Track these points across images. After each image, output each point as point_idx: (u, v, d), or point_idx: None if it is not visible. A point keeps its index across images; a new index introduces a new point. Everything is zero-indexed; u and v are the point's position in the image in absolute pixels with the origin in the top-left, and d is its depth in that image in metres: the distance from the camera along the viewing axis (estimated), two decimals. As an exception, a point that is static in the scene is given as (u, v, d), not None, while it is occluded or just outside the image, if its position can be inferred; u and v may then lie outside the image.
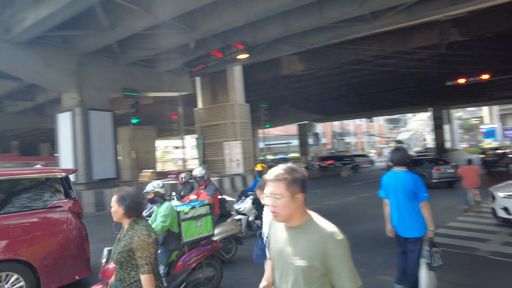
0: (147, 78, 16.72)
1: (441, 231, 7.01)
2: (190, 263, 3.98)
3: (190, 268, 3.96)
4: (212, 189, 5.62)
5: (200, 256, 4.11)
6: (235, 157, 17.99)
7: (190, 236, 4.05)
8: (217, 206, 5.68)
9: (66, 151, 14.35)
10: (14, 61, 12.50)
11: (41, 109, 24.87)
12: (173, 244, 4.01)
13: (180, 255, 4.04)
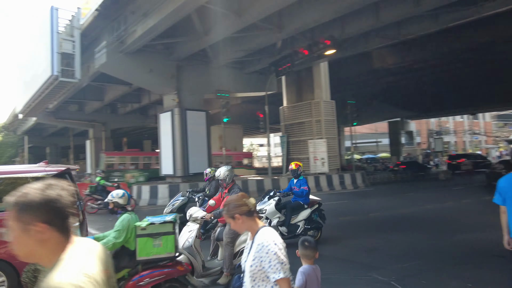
0: (237, 79, 17.57)
1: None
2: (141, 284, 3.53)
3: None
4: (235, 192, 4.85)
5: (156, 279, 3.60)
6: (320, 156, 17.71)
7: (145, 255, 3.58)
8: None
9: (166, 147, 15.96)
10: (126, 69, 14.35)
11: (146, 110, 28.10)
12: (124, 260, 3.67)
13: (132, 273, 3.63)
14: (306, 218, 6.64)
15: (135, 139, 40.66)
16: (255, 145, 72.68)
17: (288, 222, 6.52)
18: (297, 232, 6.54)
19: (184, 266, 3.89)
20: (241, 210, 1.96)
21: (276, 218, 6.48)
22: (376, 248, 6.53)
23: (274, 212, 6.47)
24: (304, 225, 6.62)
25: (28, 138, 36.81)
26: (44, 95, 16.36)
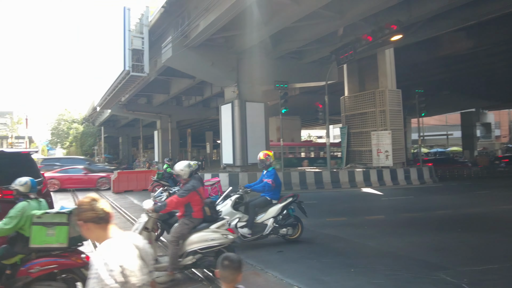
0: (296, 69, 17.38)
1: None
2: (31, 272, 3.48)
3: (31, 276, 3.48)
4: (185, 189, 4.53)
5: (46, 268, 3.52)
6: (384, 148, 16.82)
7: (38, 243, 3.53)
8: (197, 209, 4.62)
9: (226, 138, 16.45)
10: (189, 62, 14.99)
11: (208, 102, 29.19)
12: (18, 246, 3.64)
13: (25, 260, 3.60)
14: (276, 215, 6.03)
15: (198, 130, 42.58)
16: (313, 137, 71.57)
17: (252, 222, 5.90)
18: (264, 232, 5.96)
19: (82, 259, 3.70)
20: (86, 216, 1.68)
21: (236, 218, 5.86)
22: (444, 248, 6.04)
23: (231, 213, 5.85)
24: (273, 223, 6.00)
25: (104, 129, 40.67)
26: (117, 89, 17.85)
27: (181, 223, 4.57)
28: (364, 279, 4.59)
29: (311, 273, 4.85)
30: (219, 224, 4.74)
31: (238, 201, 6.09)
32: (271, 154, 6.44)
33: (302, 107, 25.66)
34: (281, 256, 5.67)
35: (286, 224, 6.12)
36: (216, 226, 4.69)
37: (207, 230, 4.65)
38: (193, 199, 4.53)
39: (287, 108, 15.37)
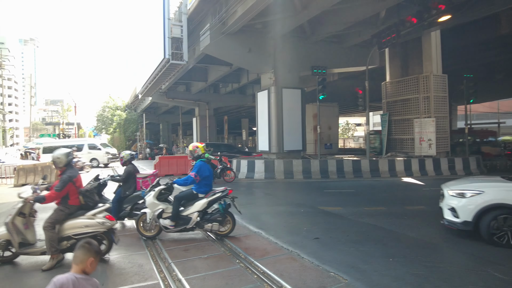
0: (334, 54, 16.91)
1: None
2: None
3: None
4: (62, 181, 4.64)
5: None
6: (427, 137, 16.01)
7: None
8: (73, 197, 4.82)
9: (263, 125, 16.49)
10: (227, 49, 15.06)
11: (244, 89, 29.32)
12: None
13: None
14: (201, 210, 5.84)
15: (234, 117, 43.04)
16: (351, 124, 69.71)
17: (175, 214, 5.80)
18: (188, 226, 5.83)
19: None
20: None
21: (159, 210, 5.82)
22: (494, 241, 5.71)
23: (154, 204, 5.86)
24: (197, 217, 5.81)
25: (145, 116, 42.31)
26: (158, 77, 18.43)
27: (56, 210, 4.80)
28: (403, 270, 4.48)
29: (349, 261, 4.81)
30: (95, 211, 4.92)
31: (164, 192, 6.08)
32: (200, 146, 6.30)
33: (340, 93, 24.99)
34: (317, 243, 5.67)
35: (211, 220, 5.86)
36: (92, 213, 4.89)
37: (83, 217, 4.84)
38: (70, 189, 4.76)
39: (325, 94, 15.04)
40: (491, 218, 5.50)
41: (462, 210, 5.73)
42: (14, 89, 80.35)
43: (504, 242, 5.47)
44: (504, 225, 5.47)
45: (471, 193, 5.78)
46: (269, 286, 4.01)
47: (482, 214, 5.58)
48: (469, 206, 5.67)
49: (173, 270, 4.55)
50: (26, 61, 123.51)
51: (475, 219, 5.58)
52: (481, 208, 5.56)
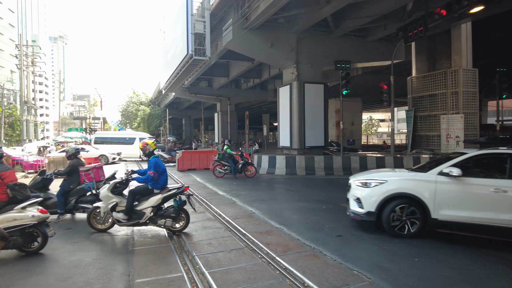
0: (358, 48, 16.56)
1: None
2: None
3: None
4: None
5: None
6: (455, 133, 15.44)
7: None
8: (1, 192, 4.89)
9: (284, 121, 16.41)
10: (249, 44, 15.03)
11: (265, 84, 29.24)
12: None
13: None
14: (155, 205, 5.86)
15: (255, 113, 43.05)
16: (374, 120, 68.26)
17: (129, 208, 5.82)
18: (141, 220, 5.85)
19: None
20: None
21: (113, 202, 5.89)
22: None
23: (108, 197, 5.92)
24: (151, 212, 5.85)
25: (168, 111, 43.05)
26: (181, 72, 18.65)
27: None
28: (430, 270, 4.37)
29: (373, 259, 4.73)
30: (25, 204, 4.94)
31: (119, 186, 6.15)
32: (150, 143, 6.28)
33: (364, 88, 24.49)
34: (340, 240, 5.61)
35: (165, 215, 5.92)
36: (21, 207, 4.91)
37: (12, 211, 4.86)
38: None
39: (348, 89, 14.76)
40: (392, 207, 5.51)
41: (366, 200, 5.71)
42: (45, 85, 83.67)
43: (405, 232, 5.54)
44: (403, 214, 5.53)
45: (375, 182, 5.74)
46: (291, 282, 4.01)
47: (385, 204, 5.54)
48: (373, 196, 5.65)
49: (197, 263, 4.63)
50: (56, 58, 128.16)
51: (378, 209, 5.57)
52: (383, 198, 5.56)
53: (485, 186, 5.25)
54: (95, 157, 19.95)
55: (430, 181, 5.47)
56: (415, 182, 5.57)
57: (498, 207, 5.15)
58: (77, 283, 4.07)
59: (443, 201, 5.39)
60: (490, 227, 5.18)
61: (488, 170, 5.71)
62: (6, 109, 34.51)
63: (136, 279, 4.16)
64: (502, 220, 5.11)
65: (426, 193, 5.43)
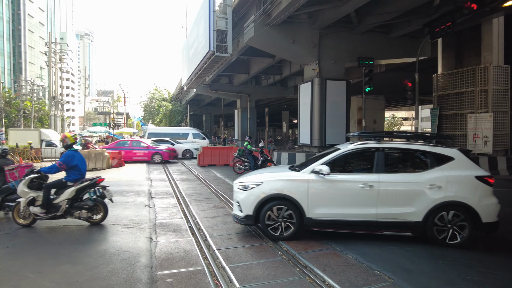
0: (382, 44, 16.21)
1: None
2: None
3: None
4: None
5: None
6: (483, 133, 14.88)
7: None
8: None
9: (304, 118, 16.31)
10: (271, 41, 14.99)
11: (285, 81, 29.12)
12: None
13: None
14: (69, 198, 6.05)
15: (275, 110, 42.97)
16: (397, 118, 66.74)
17: (46, 202, 5.99)
18: (58, 213, 6.06)
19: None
20: None
21: (30, 197, 6.03)
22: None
23: (24, 192, 6.07)
24: (66, 205, 6.05)
25: (189, 107, 43.61)
26: (203, 69, 18.84)
27: None
28: (454, 273, 4.25)
29: (395, 260, 4.65)
30: None
31: (37, 181, 6.29)
32: (69, 136, 6.47)
33: (387, 85, 23.95)
34: (361, 239, 5.54)
35: (80, 207, 6.11)
36: None
37: None
38: None
39: (371, 86, 14.50)
40: (266, 210, 5.36)
41: (244, 203, 5.52)
42: (71, 81, 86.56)
43: (277, 233, 5.36)
44: (278, 216, 5.39)
45: (252, 184, 5.56)
46: (311, 280, 4.01)
47: (261, 206, 5.39)
48: (250, 198, 5.46)
49: (217, 257, 4.69)
50: (82, 55, 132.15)
51: (255, 212, 5.40)
52: (260, 200, 5.39)
53: (354, 182, 5.28)
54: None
55: (303, 180, 5.38)
56: (289, 182, 5.46)
57: (366, 202, 5.19)
58: (103, 272, 4.22)
59: (316, 200, 5.33)
60: (362, 222, 5.26)
61: (358, 165, 5.71)
62: (36, 104, 35.91)
63: (158, 271, 4.27)
64: (369, 215, 5.19)
65: (300, 192, 5.34)
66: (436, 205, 5.07)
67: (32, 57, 68.79)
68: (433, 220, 5.10)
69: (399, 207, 5.17)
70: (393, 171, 5.46)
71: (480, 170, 5.35)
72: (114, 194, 9.66)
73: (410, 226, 5.17)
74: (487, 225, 5.07)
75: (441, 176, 5.17)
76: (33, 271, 4.26)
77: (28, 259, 4.68)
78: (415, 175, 5.30)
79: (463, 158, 5.32)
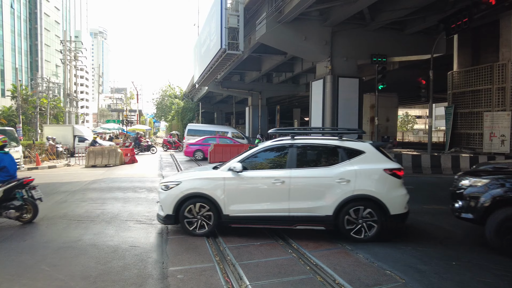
0: (395, 41, 15.94)
1: None
2: None
3: None
4: None
5: None
6: (499, 132, 14.55)
7: None
8: None
9: (316, 115, 16.20)
10: (282, 38, 14.91)
11: (297, 79, 28.95)
12: None
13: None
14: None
15: (286, 107, 42.80)
16: (411, 116, 65.69)
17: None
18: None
19: None
20: None
21: None
22: None
23: None
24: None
25: (201, 105, 43.82)
26: (214, 67, 18.88)
27: None
28: (468, 275, 4.17)
29: (406, 260, 4.59)
30: None
31: None
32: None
33: (400, 83, 23.58)
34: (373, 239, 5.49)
35: (7, 207, 6.20)
36: None
37: None
38: None
39: (384, 84, 14.31)
40: (185, 208, 5.45)
41: (164, 203, 5.60)
42: (85, 79, 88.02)
43: (196, 231, 5.48)
44: (198, 213, 5.48)
45: (171, 184, 5.64)
46: (322, 278, 3.99)
47: (180, 205, 5.47)
48: (169, 198, 5.54)
49: (228, 254, 4.72)
50: (96, 53, 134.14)
51: (175, 211, 5.48)
52: (178, 199, 5.46)
53: (267, 178, 5.39)
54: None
55: (220, 178, 5.49)
56: (207, 180, 5.57)
57: (279, 198, 5.28)
58: (115, 267, 4.29)
59: (232, 196, 5.42)
60: (276, 217, 5.35)
61: (273, 162, 5.76)
62: (51, 101, 36.65)
63: (169, 267, 4.32)
64: (283, 210, 5.27)
65: (217, 190, 5.44)
66: (345, 198, 5.13)
67: (48, 55, 70.18)
68: (344, 214, 5.16)
69: (310, 201, 5.24)
70: (305, 166, 5.54)
71: (390, 163, 5.38)
72: (127, 190, 9.84)
73: (322, 220, 5.24)
74: (395, 216, 5.17)
75: (350, 170, 5.23)
76: (48, 264, 4.37)
77: (45, 252, 4.80)
78: (325, 169, 5.37)
79: (373, 152, 5.37)
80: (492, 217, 4.87)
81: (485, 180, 5.07)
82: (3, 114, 34.56)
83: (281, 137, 6.25)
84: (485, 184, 5.02)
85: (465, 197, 5.19)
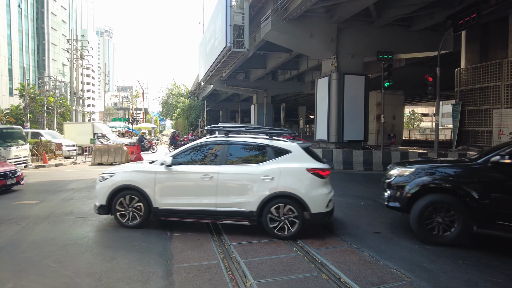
0: (402, 38, 15.78)
1: None
2: None
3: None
4: None
5: None
6: (508, 130, 14.33)
7: None
8: None
9: (321, 113, 16.11)
10: (288, 35, 14.83)
11: (302, 76, 28.83)
12: None
13: None
14: None
15: (291, 105, 42.71)
16: (417, 114, 65.14)
17: None
18: None
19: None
20: None
21: None
22: None
23: None
24: None
25: (206, 103, 43.88)
26: (219, 65, 18.87)
27: None
28: (476, 274, 4.12)
29: (413, 259, 4.54)
30: None
31: None
32: None
33: (407, 80, 23.34)
34: (379, 237, 5.45)
35: None
36: None
37: None
38: None
39: (390, 81, 14.16)
40: (117, 199, 5.66)
41: (98, 193, 5.82)
42: (92, 77, 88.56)
43: (130, 222, 5.69)
44: (129, 205, 5.68)
45: (107, 175, 5.87)
46: (327, 277, 3.96)
47: (113, 196, 5.68)
48: (103, 189, 5.76)
49: (232, 252, 4.71)
50: (102, 51, 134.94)
51: (108, 201, 5.71)
52: (111, 191, 5.68)
53: (196, 173, 5.51)
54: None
55: (151, 172, 5.67)
56: (139, 173, 5.75)
57: (206, 192, 5.42)
58: (121, 264, 4.31)
59: (162, 190, 5.60)
60: (203, 211, 5.46)
61: (205, 158, 5.89)
62: (58, 100, 36.95)
63: (174, 264, 4.32)
64: (210, 204, 5.39)
65: (148, 183, 5.61)
66: (268, 195, 5.24)
67: (55, 54, 70.74)
68: (267, 210, 5.25)
69: (235, 197, 5.37)
70: (234, 163, 5.64)
71: (314, 163, 5.43)
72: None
73: (246, 215, 5.34)
74: (316, 215, 5.23)
75: (275, 168, 5.36)
76: (55, 261, 4.40)
77: (51, 249, 4.83)
78: (252, 166, 5.49)
79: (299, 152, 5.50)
80: (415, 205, 5.11)
81: (411, 169, 5.36)
82: (11, 112, 34.91)
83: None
84: (411, 173, 5.31)
85: (393, 186, 5.45)
